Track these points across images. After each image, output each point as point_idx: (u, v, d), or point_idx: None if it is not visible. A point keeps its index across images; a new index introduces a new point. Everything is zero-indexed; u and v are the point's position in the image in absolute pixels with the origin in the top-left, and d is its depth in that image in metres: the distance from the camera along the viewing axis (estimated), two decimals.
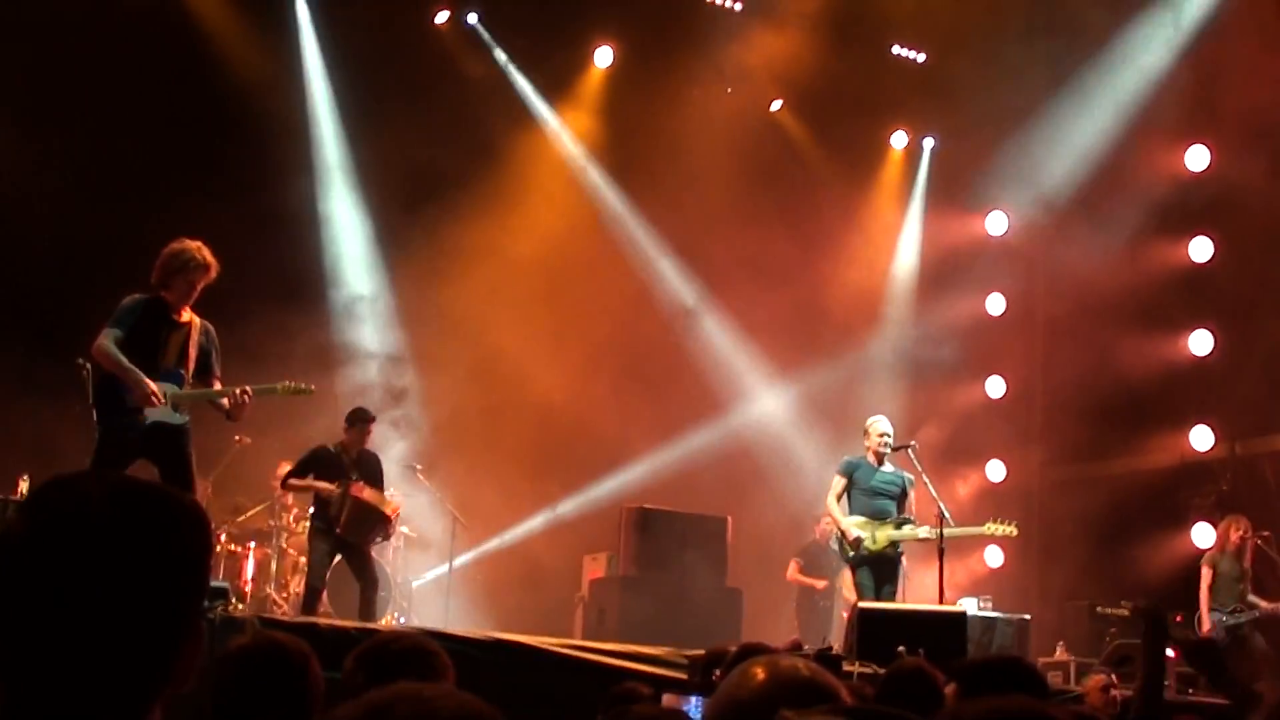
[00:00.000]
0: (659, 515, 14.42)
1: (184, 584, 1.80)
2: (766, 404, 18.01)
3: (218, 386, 9.69)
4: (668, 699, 5.82)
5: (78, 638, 1.71)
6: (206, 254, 9.52)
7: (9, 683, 1.74)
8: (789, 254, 17.36)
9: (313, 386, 10.18)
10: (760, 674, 2.29)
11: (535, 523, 16.58)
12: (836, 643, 11.60)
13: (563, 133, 17.89)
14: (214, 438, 13.38)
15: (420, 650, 4.00)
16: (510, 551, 16.37)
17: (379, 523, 12.23)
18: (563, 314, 16.31)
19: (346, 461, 12.39)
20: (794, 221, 17.39)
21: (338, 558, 12.31)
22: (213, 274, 9.55)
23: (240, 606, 11.63)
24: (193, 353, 9.58)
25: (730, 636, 11.95)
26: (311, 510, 12.57)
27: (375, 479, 12.43)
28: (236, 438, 13.67)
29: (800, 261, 17.51)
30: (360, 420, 12.66)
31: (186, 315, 9.63)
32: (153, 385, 9.21)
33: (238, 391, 9.49)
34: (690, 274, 17.79)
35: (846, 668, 8.94)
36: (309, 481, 12.38)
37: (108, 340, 9.27)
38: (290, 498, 14.01)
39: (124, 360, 9.24)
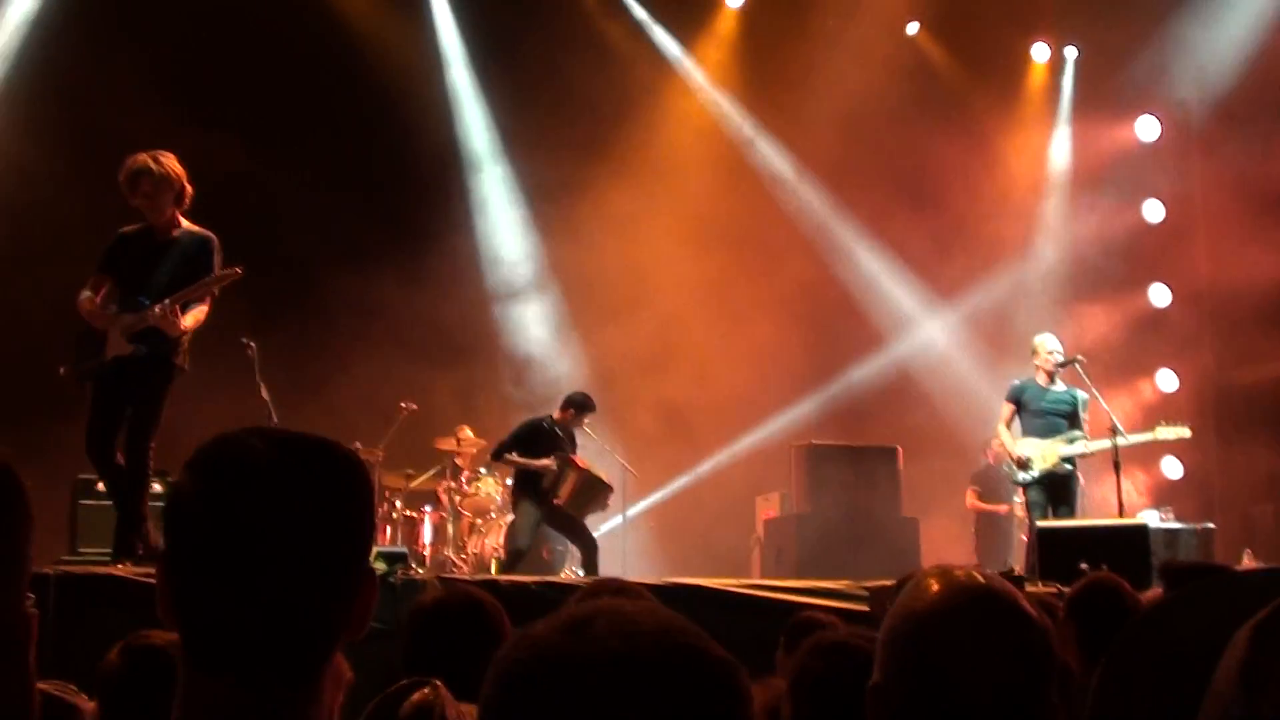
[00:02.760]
0: (828, 450, 14.38)
1: (353, 529, 1.83)
2: (928, 329, 17.86)
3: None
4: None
5: (255, 589, 1.75)
6: (154, 161, 8.65)
7: (191, 638, 1.78)
8: (938, 178, 17.19)
9: (239, 270, 8.63)
10: (935, 585, 2.29)
11: (705, 468, 16.64)
12: (1018, 565, 11.51)
13: (701, 77, 17.85)
14: (383, 405, 13.69)
15: (629, 593, 4.01)
16: (683, 499, 16.45)
17: (602, 493, 12.50)
18: (716, 260, 16.28)
19: (563, 436, 12.67)
20: (940, 144, 17.17)
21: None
22: (162, 179, 8.62)
23: (420, 570, 11.82)
24: (164, 271, 8.73)
25: (909, 566, 11.82)
26: (512, 480, 12.86)
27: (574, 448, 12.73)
28: (403, 404, 13.85)
29: (950, 184, 17.34)
30: (583, 408, 12.92)
31: (175, 233, 8.82)
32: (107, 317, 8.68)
33: (156, 309, 8.47)
34: (840, 207, 17.67)
35: (1029, 589, 8.87)
36: (524, 460, 12.62)
37: (83, 290, 8.77)
38: (465, 458, 14.21)
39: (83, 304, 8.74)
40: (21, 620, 1.49)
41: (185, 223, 8.86)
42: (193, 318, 8.62)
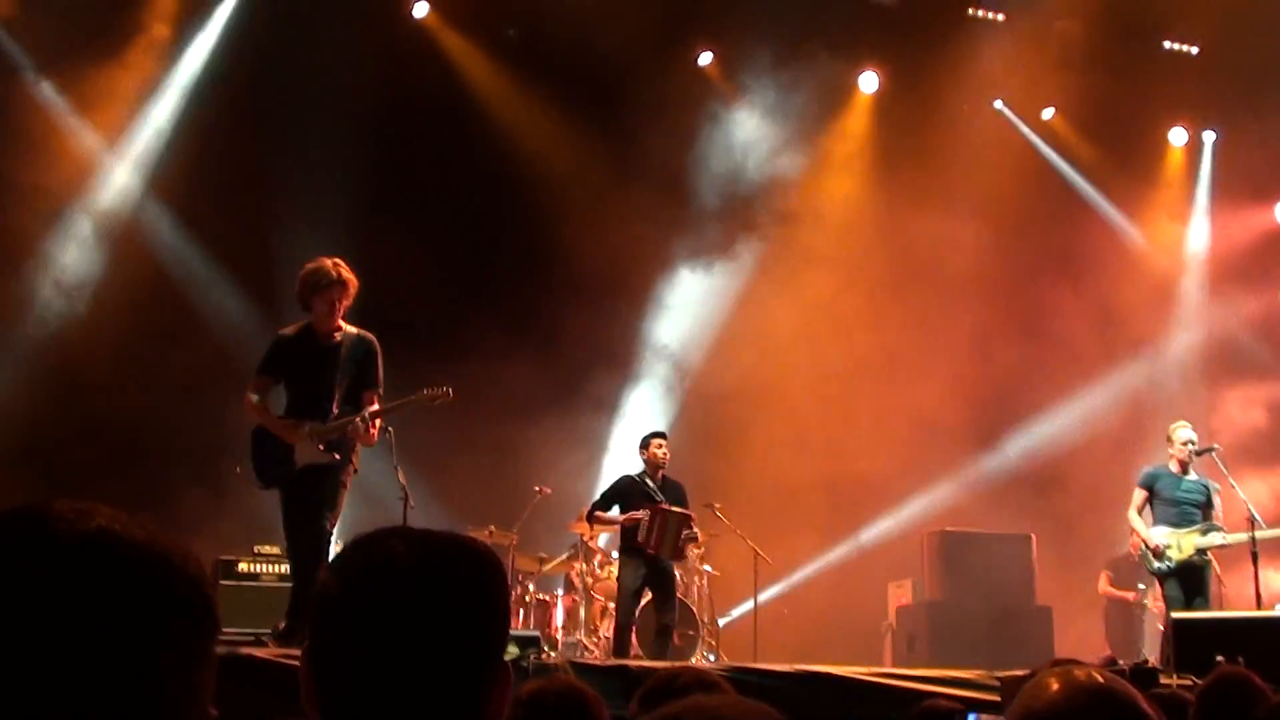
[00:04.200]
0: (961, 537, 14.29)
1: (489, 627, 1.89)
2: (1063, 414, 17.65)
3: (375, 403, 9.18)
4: None
5: (394, 687, 1.81)
6: (343, 269, 9.10)
7: None
8: (1074, 263, 17.08)
9: (449, 390, 9.27)
10: (1054, 684, 2.32)
11: (837, 554, 16.53)
12: (1151, 655, 11.34)
13: (834, 159, 17.94)
14: (515, 489, 13.79)
15: (704, 682, 4.10)
16: (814, 584, 16.32)
17: (682, 526, 12.17)
18: (853, 346, 16.23)
19: (651, 487, 12.45)
20: (1077, 229, 17.11)
21: (647, 596, 12.44)
22: (351, 290, 9.10)
23: (552, 654, 11.84)
24: (340, 375, 9.14)
25: (1042, 655, 11.73)
26: (620, 542, 12.78)
27: (680, 505, 12.49)
28: (537, 488, 13.93)
29: (1085, 269, 17.23)
30: (648, 439, 12.74)
31: (338, 336, 9.19)
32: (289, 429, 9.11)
33: (358, 421, 8.98)
34: (974, 291, 17.57)
35: (1164, 680, 8.75)
36: (615, 515, 12.51)
37: (249, 393, 9.19)
38: (597, 541, 14.18)
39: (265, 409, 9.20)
40: None
41: (344, 324, 9.23)
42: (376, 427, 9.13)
